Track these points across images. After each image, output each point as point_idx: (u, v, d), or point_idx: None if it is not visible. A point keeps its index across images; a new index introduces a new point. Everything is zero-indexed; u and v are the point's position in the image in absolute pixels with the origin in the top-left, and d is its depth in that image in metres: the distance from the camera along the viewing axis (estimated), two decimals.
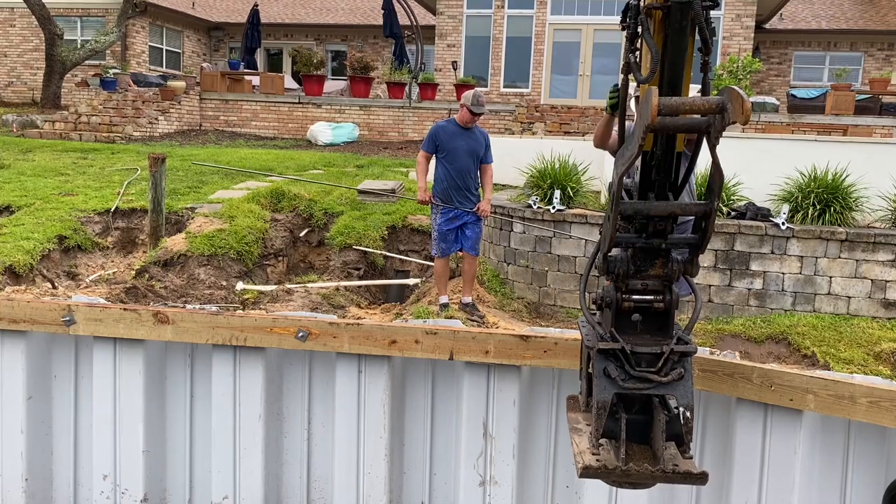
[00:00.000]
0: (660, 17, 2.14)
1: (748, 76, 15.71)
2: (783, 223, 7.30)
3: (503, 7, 19.66)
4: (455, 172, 6.54)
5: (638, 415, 2.30)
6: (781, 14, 22.18)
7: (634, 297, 2.29)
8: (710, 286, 7.39)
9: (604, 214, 2.58)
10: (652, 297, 2.30)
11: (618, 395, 2.23)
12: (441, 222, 6.61)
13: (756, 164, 8.28)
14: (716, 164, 2.15)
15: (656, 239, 2.25)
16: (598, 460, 2.23)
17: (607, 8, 18.76)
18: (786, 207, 7.47)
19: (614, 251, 2.27)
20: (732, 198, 7.87)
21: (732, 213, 7.69)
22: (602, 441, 2.28)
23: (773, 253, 7.33)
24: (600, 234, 2.44)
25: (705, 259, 7.35)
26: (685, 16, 2.06)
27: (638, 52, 2.29)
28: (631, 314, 2.32)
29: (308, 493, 4.10)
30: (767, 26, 21.73)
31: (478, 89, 6.84)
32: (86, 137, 15.11)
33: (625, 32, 2.30)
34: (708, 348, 3.73)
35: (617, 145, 2.44)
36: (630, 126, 2.22)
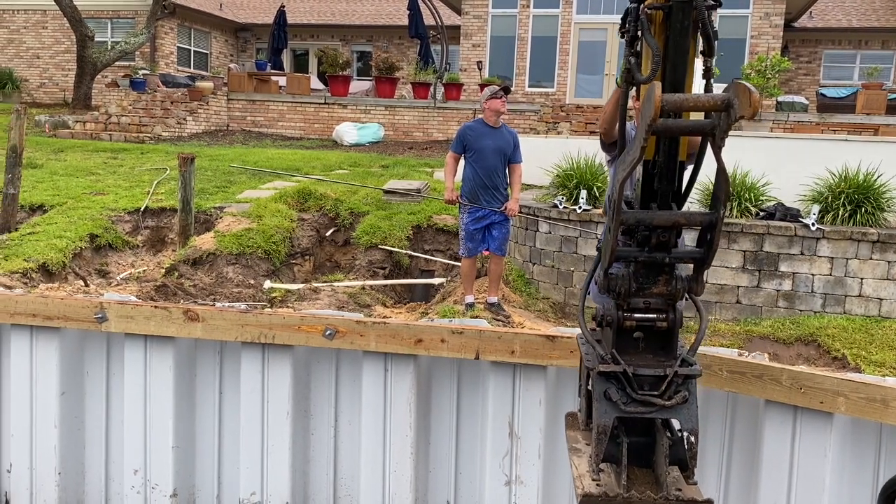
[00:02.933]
0: (660, 18, 2.06)
1: (777, 75, 15.52)
2: (813, 224, 7.21)
3: (528, 6, 19.62)
4: (483, 172, 6.55)
5: (640, 437, 2.22)
6: (811, 12, 21.88)
7: (636, 315, 2.19)
8: (738, 287, 7.32)
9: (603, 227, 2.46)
10: (655, 315, 2.20)
11: (619, 419, 2.15)
12: (468, 222, 6.62)
13: (785, 165, 8.18)
14: (721, 169, 2.03)
15: (659, 253, 2.14)
16: (598, 486, 2.15)
17: None
18: (816, 208, 7.37)
19: (615, 266, 2.16)
20: (761, 198, 7.78)
21: (761, 214, 7.60)
22: (602, 465, 2.19)
23: (802, 254, 7.24)
24: (598, 249, 2.34)
25: (733, 260, 7.28)
26: (687, 16, 1.99)
27: (637, 59, 2.16)
28: (632, 333, 2.21)
29: (334, 490, 4.13)
30: (796, 25, 21.45)
31: (491, 87, 6.85)
32: (115, 137, 15.34)
33: (625, 38, 2.19)
34: (736, 350, 3.69)
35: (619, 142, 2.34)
36: (631, 133, 2.13)
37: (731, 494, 3.46)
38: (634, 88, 2.26)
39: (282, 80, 19.06)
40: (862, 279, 7.18)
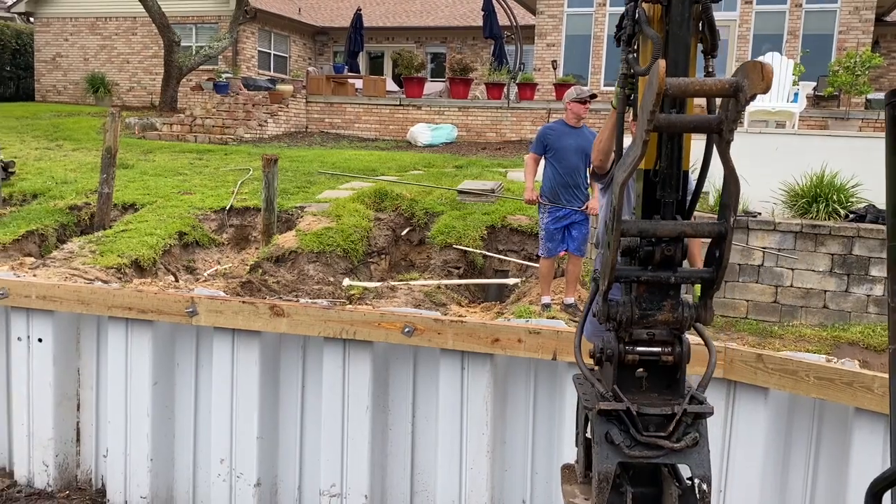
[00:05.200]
0: (658, 15, 1.93)
1: (866, 72, 14.86)
2: None
3: (605, 5, 19.37)
4: (564, 171, 6.54)
5: (646, 486, 2.02)
6: None
7: (639, 348, 1.98)
8: (825, 291, 7.07)
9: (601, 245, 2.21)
10: (659, 348, 1.99)
11: (622, 465, 1.95)
12: (548, 221, 6.62)
13: (876, 165, 7.81)
14: (730, 171, 1.83)
15: (664, 272, 1.94)
16: None
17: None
18: None
19: (615, 293, 1.97)
20: (851, 199, 7.49)
21: (851, 216, 7.32)
22: None
23: None
24: (594, 280, 2.13)
25: (820, 263, 7.03)
26: (687, 8, 1.86)
27: (635, 56, 2.03)
28: (635, 368, 2.01)
29: (411, 485, 4.19)
30: (888, 19, 20.48)
31: (576, 86, 6.81)
32: (200, 139, 15.91)
33: (620, 41, 2.05)
34: (824, 356, 3.58)
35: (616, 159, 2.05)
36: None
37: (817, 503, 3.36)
38: (632, 111, 2.09)
39: (358, 83, 19.38)
40: None
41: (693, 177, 2.14)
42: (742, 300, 7.20)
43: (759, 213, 7.55)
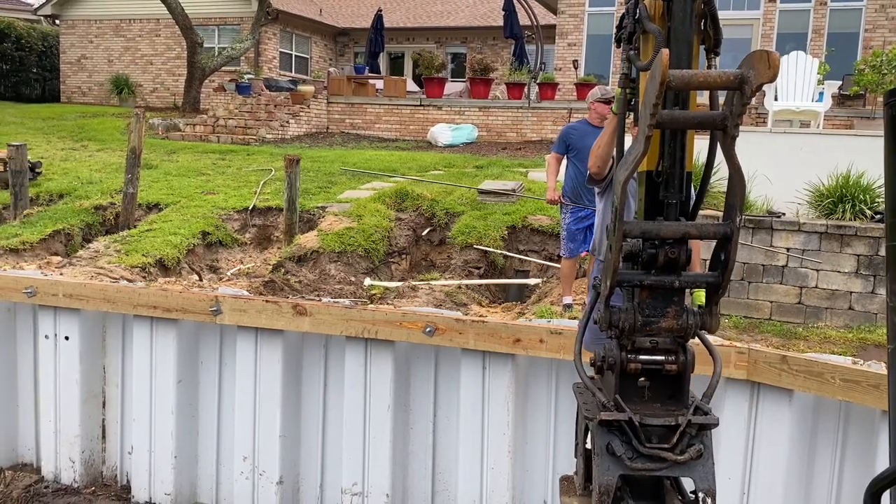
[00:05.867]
0: (660, 12, 1.89)
1: (893, 70, 14.64)
2: None
3: (626, 3, 19.28)
4: (586, 171, 6.50)
5: (649, 501, 1.97)
6: None
7: (642, 357, 1.93)
8: (850, 293, 6.99)
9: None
10: (663, 357, 1.93)
11: (623, 478, 1.89)
12: (570, 222, 6.59)
13: None
14: (736, 169, 1.76)
15: (668, 276, 1.88)
16: None
17: (737, 3, 18.02)
18: None
19: (616, 300, 1.92)
20: (877, 199, 7.39)
21: (877, 217, 7.23)
22: None
23: None
24: (594, 287, 2.06)
25: (846, 264, 6.95)
26: (688, 2, 1.83)
27: (636, 52, 1.98)
28: (637, 377, 1.95)
29: (433, 484, 4.20)
30: None
31: (600, 85, 6.77)
32: (223, 139, 16.04)
33: (621, 40, 2.01)
34: (850, 358, 3.54)
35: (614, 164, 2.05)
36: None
37: None
38: (631, 115, 2.05)
39: (379, 83, 19.44)
40: None
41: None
42: (766, 301, 7.14)
43: (784, 214, 7.48)
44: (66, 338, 4.60)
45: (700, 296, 2.01)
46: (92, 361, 4.69)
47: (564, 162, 6.74)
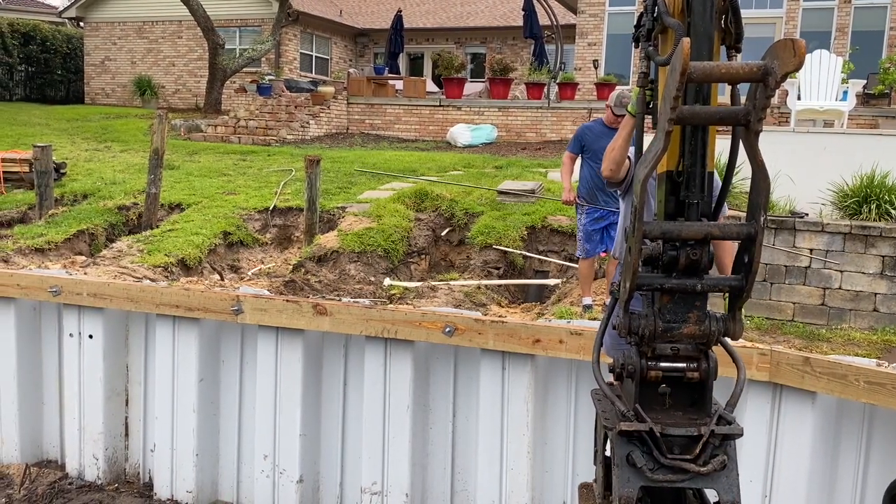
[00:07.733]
0: (680, 7, 1.84)
1: None
2: None
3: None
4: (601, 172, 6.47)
5: None
6: None
7: (663, 364, 1.86)
8: (875, 294, 6.89)
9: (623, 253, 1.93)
10: (684, 364, 1.87)
11: (645, 489, 1.84)
12: (586, 222, 6.57)
13: None
14: (759, 166, 1.72)
15: (689, 279, 1.81)
16: None
17: (759, 1, 17.85)
18: None
19: (636, 305, 1.85)
20: None
21: None
22: None
23: None
24: (611, 293, 2.00)
25: (870, 265, 6.86)
26: None
27: (654, 49, 1.93)
28: (658, 385, 1.88)
29: (452, 484, 4.21)
30: None
31: (623, 90, 6.72)
32: (244, 140, 16.15)
33: (640, 38, 1.96)
34: (874, 360, 3.50)
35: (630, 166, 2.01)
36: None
37: None
38: (651, 119, 2.01)
39: (398, 84, 19.49)
40: None
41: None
42: (788, 302, 7.06)
43: (807, 214, 7.39)
44: (90, 336, 4.66)
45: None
46: (115, 360, 4.75)
47: (579, 162, 6.72)
